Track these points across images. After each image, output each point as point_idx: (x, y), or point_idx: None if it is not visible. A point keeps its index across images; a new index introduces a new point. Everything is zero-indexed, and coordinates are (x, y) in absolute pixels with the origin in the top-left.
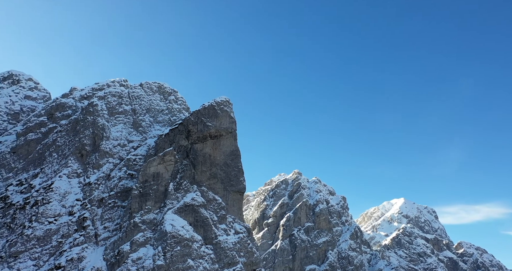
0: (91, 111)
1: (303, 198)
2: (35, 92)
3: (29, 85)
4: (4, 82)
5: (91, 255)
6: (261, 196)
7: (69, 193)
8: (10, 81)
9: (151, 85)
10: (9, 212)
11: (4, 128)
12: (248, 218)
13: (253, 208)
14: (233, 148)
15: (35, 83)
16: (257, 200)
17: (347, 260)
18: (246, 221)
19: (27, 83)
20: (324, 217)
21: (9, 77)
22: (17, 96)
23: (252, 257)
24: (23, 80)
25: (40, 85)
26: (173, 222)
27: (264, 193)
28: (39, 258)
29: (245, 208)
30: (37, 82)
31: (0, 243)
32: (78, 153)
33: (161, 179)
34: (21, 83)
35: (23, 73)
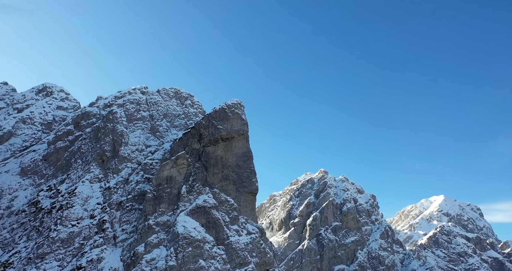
0: (110, 118)
1: (329, 197)
2: (66, 102)
3: (60, 96)
4: (39, 94)
5: (109, 256)
6: (287, 196)
7: (91, 197)
8: (44, 93)
9: (168, 91)
10: (39, 216)
11: (39, 137)
12: (274, 218)
13: (279, 208)
14: (245, 150)
15: (66, 94)
16: (283, 200)
17: (378, 260)
18: (273, 221)
19: (59, 94)
20: (352, 216)
21: (43, 89)
22: (50, 107)
23: (265, 257)
24: (55, 91)
25: (70, 96)
26: (185, 223)
27: (290, 192)
28: (63, 259)
29: (272, 208)
30: (68, 93)
31: (30, 245)
32: (100, 159)
33: (174, 182)
34: (54, 95)
35: (55, 85)
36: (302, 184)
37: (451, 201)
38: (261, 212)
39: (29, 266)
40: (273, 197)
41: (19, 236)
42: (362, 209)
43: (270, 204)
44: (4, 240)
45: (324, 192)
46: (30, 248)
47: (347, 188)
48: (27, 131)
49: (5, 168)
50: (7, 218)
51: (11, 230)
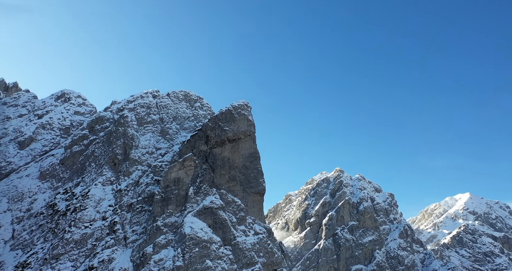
0: (122, 122)
1: (345, 196)
2: (83, 107)
3: (78, 101)
4: (57, 100)
5: (120, 257)
6: (302, 196)
7: (103, 199)
8: (62, 99)
9: (177, 94)
10: (55, 218)
11: (57, 142)
12: (290, 218)
13: (294, 207)
14: (252, 151)
15: (83, 99)
16: (299, 200)
17: (397, 259)
18: (288, 220)
19: (76, 100)
20: (369, 215)
21: (61, 96)
22: (68, 112)
23: (272, 257)
24: (73, 97)
25: (87, 101)
26: (192, 224)
27: (305, 192)
28: (76, 259)
29: (287, 208)
30: (85, 99)
31: (46, 246)
32: (112, 162)
33: (181, 184)
34: (71, 100)
35: (73, 91)
36: (317, 184)
37: (478, 199)
38: (277, 212)
39: (45, 267)
40: (288, 197)
41: (37, 237)
42: (380, 208)
43: (286, 203)
44: (24, 242)
45: (340, 191)
46: (46, 249)
47: (364, 187)
48: (46, 136)
49: (26, 172)
50: (27, 220)
51: (30, 232)
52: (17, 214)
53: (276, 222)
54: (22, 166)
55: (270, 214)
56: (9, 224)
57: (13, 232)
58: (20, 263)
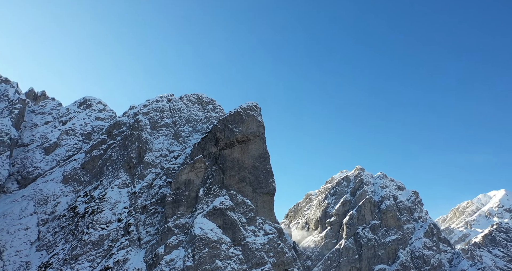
0: (136, 127)
1: (366, 195)
2: (103, 113)
3: (98, 107)
4: (80, 107)
5: (134, 257)
6: (322, 195)
7: (119, 202)
8: (84, 106)
9: (190, 97)
10: (75, 220)
11: (80, 147)
12: (310, 217)
13: (314, 207)
14: (262, 151)
15: (103, 105)
16: (319, 199)
17: (422, 259)
18: (309, 220)
19: (97, 106)
20: (391, 214)
21: (83, 102)
22: (89, 118)
23: (283, 257)
24: (94, 103)
25: (107, 107)
26: (202, 225)
27: (325, 191)
28: (93, 260)
29: (307, 207)
30: (105, 104)
31: (67, 247)
32: (127, 165)
33: (192, 186)
34: (93, 107)
35: (94, 98)
36: (337, 182)
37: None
38: (297, 211)
39: (65, 267)
40: (309, 196)
41: (59, 238)
42: (403, 207)
43: (306, 203)
44: (48, 243)
45: (360, 189)
46: (67, 250)
47: (386, 185)
48: (69, 142)
49: (51, 177)
50: (51, 222)
51: (53, 233)
52: (42, 216)
53: (297, 221)
54: (47, 170)
55: (291, 213)
56: (35, 226)
57: (38, 233)
58: (43, 263)
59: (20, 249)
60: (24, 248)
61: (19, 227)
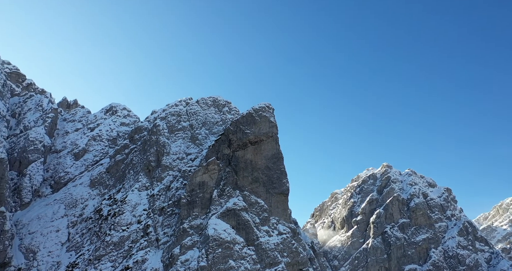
0: (154, 131)
1: (394, 193)
2: (127, 118)
3: (123, 113)
4: (106, 113)
5: (152, 258)
6: (348, 193)
7: (139, 204)
8: (110, 112)
9: (206, 100)
10: (99, 222)
11: (106, 152)
12: (336, 216)
13: (340, 206)
14: (275, 152)
15: (128, 111)
16: (344, 198)
17: (456, 259)
18: (334, 219)
19: (122, 112)
20: (421, 212)
21: (109, 109)
22: (115, 124)
23: (297, 257)
24: (119, 110)
25: (131, 112)
26: (216, 226)
27: (350, 190)
28: (115, 260)
29: (333, 206)
30: (130, 110)
31: (91, 247)
32: (146, 169)
33: (206, 187)
34: (118, 113)
35: (119, 104)
36: (363, 180)
37: None
38: (323, 210)
39: (89, 267)
40: (334, 195)
41: (86, 240)
42: (434, 204)
43: (331, 202)
44: (76, 244)
45: (387, 187)
46: (91, 251)
47: (415, 182)
48: (97, 147)
49: (80, 181)
50: (79, 224)
51: (81, 235)
52: (71, 219)
53: (322, 221)
54: (77, 175)
55: (316, 212)
56: (65, 228)
57: (68, 235)
58: (71, 263)
59: (52, 250)
60: (55, 248)
61: (51, 229)
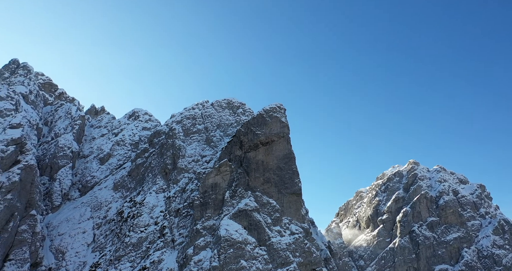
0: (170, 135)
1: (421, 190)
2: (149, 123)
3: (145, 118)
4: (129, 119)
5: (168, 258)
6: (373, 192)
7: (156, 206)
8: (133, 118)
9: (220, 102)
10: (120, 224)
11: (129, 156)
12: (361, 215)
13: (365, 204)
14: (286, 152)
15: (149, 116)
16: (369, 196)
17: (492, 259)
18: (359, 218)
19: (144, 117)
20: (451, 210)
21: (132, 114)
22: (137, 129)
23: (310, 256)
24: (141, 115)
25: (153, 117)
26: (228, 227)
27: (375, 188)
28: (134, 260)
29: (358, 205)
30: (151, 115)
31: (113, 248)
32: (163, 171)
33: (218, 189)
34: (140, 118)
35: (141, 109)
36: (388, 178)
37: None
38: (347, 209)
39: (110, 267)
40: (359, 194)
41: (109, 241)
42: (466, 202)
43: (356, 201)
44: (100, 244)
45: (414, 185)
46: (112, 251)
47: (444, 179)
48: (120, 152)
49: (104, 184)
50: (103, 226)
51: (105, 236)
52: (97, 221)
53: (347, 220)
54: (102, 179)
55: (341, 212)
56: (91, 230)
57: (93, 236)
58: (94, 264)
59: (79, 250)
60: (82, 249)
61: (78, 230)
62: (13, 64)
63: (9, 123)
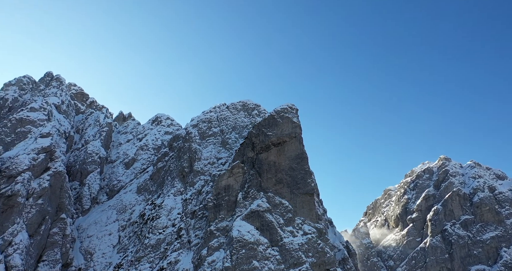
0: (187, 138)
1: (453, 187)
2: (171, 127)
3: (167, 123)
4: (152, 124)
5: (184, 259)
6: (401, 190)
7: (174, 208)
8: (156, 123)
9: (236, 105)
10: (141, 226)
11: (152, 160)
12: (389, 214)
13: (393, 203)
14: (299, 152)
15: (171, 120)
16: (397, 194)
17: None
18: (388, 217)
19: (166, 121)
20: (487, 207)
21: (155, 120)
22: (159, 133)
23: (324, 257)
24: (163, 120)
25: (174, 121)
26: (240, 228)
27: (404, 186)
28: (152, 261)
29: (386, 204)
30: (172, 119)
31: (134, 249)
32: (181, 174)
33: (231, 190)
34: (162, 123)
35: (164, 114)
36: (417, 175)
37: None
38: (376, 208)
39: (131, 267)
40: (388, 192)
41: (131, 242)
42: (504, 199)
43: (384, 199)
44: (124, 246)
45: (445, 182)
46: (133, 252)
47: (479, 175)
48: (144, 156)
49: (129, 188)
50: (128, 228)
51: (128, 238)
52: (121, 223)
53: (375, 219)
54: (127, 183)
55: (369, 211)
56: (117, 232)
57: (119, 238)
58: (117, 264)
59: (105, 252)
60: (108, 250)
61: (105, 232)
62: (47, 77)
63: (40, 132)
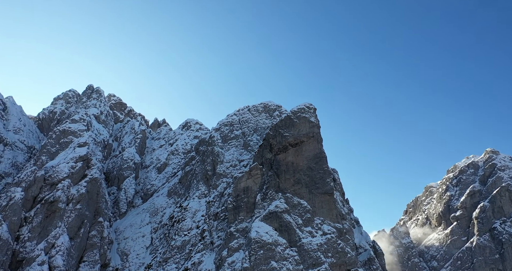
0: (210, 142)
1: (502, 182)
2: (199, 132)
3: (196, 127)
4: (182, 129)
5: (207, 260)
6: (443, 186)
7: (198, 210)
8: (185, 128)
9: (257, 107)
10: (169, 228)
11: (181, 164)
12: (431, 212)
13: (435, 200)
14: (317, 152)
15: (200, 125)
16: (439, 191)
17: None
18: (429, 215)
19: (195, 126)
20: None
21: (185, 125)
22: (189, 138)
23: (344, 257)
24: (192, 124)
25: (203, 126)
26: (258, 229)
27: (446, 182)
28: (178, 262)
29: (427, 201)
30: (201, 124)
31: (162, 250)
32: (205, 177)
33: (250, 192)
34: (191, 127)
35: (193, 119)
36: (460, 171)
37: None
38: (416, 206)
39: (159, 268)
40: (429, 189)
41: (161, 244)
42: None
43: (425, 197)
44: (156, 247)
45: (493, 176)
46: (162, 254)
47: None
48: (174, 160)
49: (161, 192)
50: (159, 230)
51: (159, 239)
52: (154, 225)
53: (416, 217)
54: (159, 186)
55: (410, 209)
56: (149, 234)
57: (151, 240)
58: (148, 265)
59: (139, 253)
60: (141, 251)
61: (139, 234)
62: (89, 90)
63: (78, 142)
